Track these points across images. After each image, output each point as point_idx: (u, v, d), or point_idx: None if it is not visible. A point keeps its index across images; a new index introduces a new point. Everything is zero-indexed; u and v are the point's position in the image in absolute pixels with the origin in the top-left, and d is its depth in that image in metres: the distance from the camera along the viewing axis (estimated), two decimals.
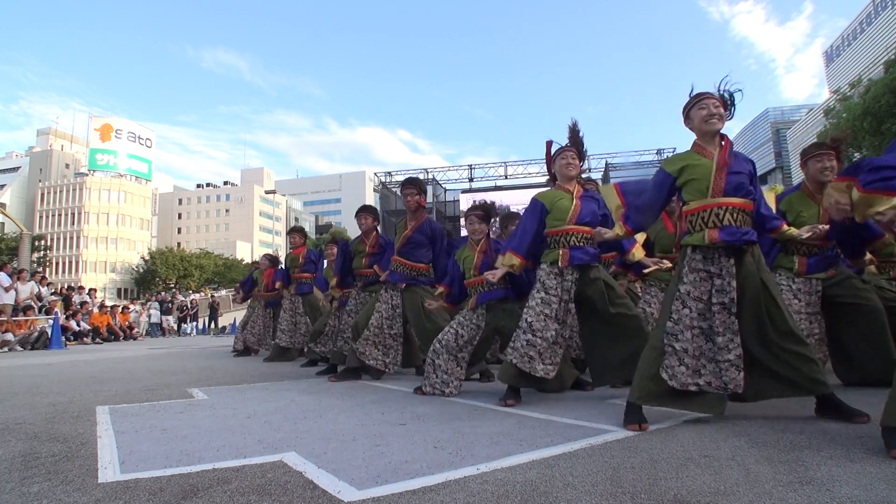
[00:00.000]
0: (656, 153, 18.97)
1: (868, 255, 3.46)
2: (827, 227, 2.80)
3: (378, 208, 6.65)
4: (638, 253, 3.49)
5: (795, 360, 2.15)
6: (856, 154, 23.45)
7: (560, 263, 2.80)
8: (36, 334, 10.69)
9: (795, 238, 2.72)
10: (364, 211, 4.64)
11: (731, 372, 2.15)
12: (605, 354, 2.93)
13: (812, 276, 3.04)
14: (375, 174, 20.51)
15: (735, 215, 2.23)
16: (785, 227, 2.62)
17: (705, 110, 2.29)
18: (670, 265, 3.32)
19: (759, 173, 3.90)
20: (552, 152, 3.00)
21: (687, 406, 2.22)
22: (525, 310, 2.82)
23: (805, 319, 3.02)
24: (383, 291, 3.98)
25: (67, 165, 69.03)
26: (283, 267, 6.83)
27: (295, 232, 6.51)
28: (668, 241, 3.75)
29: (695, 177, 2.30)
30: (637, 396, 2.20)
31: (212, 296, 24.61)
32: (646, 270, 3.56)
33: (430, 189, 19.02)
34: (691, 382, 2.18)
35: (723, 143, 2.33)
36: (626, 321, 2.85)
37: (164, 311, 18.05)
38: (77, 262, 58.38)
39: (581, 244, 2.82)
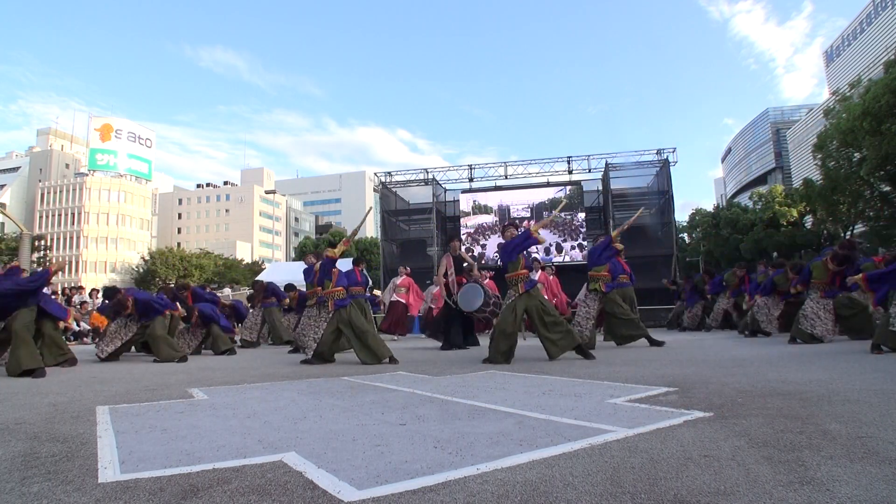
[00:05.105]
0: (656, 153, 18.91)
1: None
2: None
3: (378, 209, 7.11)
4: None
5: None
6: (856, 154, 23.47)
7: None
8: None
9: None
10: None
11: None
12: None
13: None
14: (375, 174, 20.43)
15: None
16: None
17: None
18: None
19: (759, 173, 4.15)
20: None
21: None
22: None
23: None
24: None
25: (67, 165, 69.08)
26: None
27: None
28: None
29: None
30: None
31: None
32: None
33: (430, 189, 19.01)
34: None
35: None
36: None
37: None
38: (77, 262, 58.40)
39: None
